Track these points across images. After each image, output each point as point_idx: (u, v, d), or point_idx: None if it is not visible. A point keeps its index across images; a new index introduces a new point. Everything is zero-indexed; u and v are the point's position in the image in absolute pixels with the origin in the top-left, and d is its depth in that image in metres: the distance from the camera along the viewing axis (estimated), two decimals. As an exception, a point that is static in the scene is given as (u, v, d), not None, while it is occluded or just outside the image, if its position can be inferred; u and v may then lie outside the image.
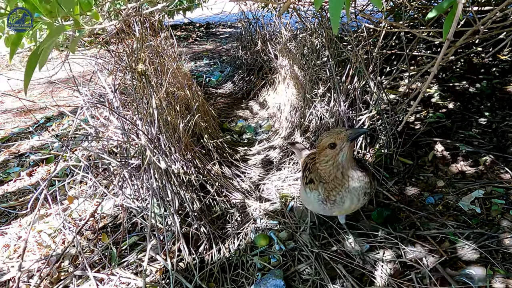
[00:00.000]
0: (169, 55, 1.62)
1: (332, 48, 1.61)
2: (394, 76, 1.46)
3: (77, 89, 1.34)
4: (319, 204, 1.05)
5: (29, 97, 2.84)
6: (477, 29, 0.66)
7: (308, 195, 1.07)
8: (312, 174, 1.05)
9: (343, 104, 1.54)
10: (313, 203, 1.07)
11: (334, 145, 0.95)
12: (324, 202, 1.02)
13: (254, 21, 2.62)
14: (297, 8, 1.71)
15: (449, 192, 1.33)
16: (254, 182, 1.60)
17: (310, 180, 1.05)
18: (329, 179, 0.99)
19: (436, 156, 1.52)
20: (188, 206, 1.28)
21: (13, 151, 2.07)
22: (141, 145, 1.28)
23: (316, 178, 1.03)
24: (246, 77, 2.84)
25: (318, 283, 1.04)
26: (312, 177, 1.05)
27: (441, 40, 0.83)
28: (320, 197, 1.02)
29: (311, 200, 1.07)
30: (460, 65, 2.23)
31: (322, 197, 1.02)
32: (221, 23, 5.66)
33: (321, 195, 1.02)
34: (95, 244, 1.25)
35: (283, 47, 2.00)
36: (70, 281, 1.11)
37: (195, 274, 1.08)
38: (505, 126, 1.62)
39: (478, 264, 1.03)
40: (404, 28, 1.00)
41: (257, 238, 1.23)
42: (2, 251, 1.29)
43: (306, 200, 1.12)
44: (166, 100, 1.46)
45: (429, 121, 1.75)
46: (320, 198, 1.03)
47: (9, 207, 1.54)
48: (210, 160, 1.58)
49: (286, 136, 1.91)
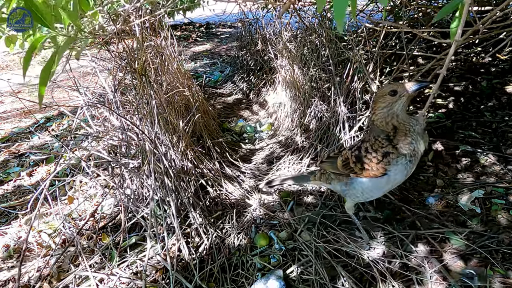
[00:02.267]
0: (169, 55, 1.62)
1: (332, 48, 1.61)
2: (394, 76, 1.46)
3: (77, 89, 1.34)
4: (405, 168, 1.01)
5: (29, 97, 2.84)
6: (477, 29, 0.66)
7: (392, 171, 1.01)
8: (383, 148, 1.00)
9: (343, 104, 1.54)
10: (396, 175, 1.02)
11: (395, 92, 0.96)
12: (412, 160, 1.00)
13: (254, 21, 2.62)
14: (297, 8, 1.71)
15: (449, 192, 1.33)
16: (254, 182, 1.60)
17: (386, 153, 1.00)
18: (388, 128, 0.99)
19: (436, 156, 1.52)
20: (188, 206, 1.28)
21: (13, 151, 2.07)
22: (141, 145, 1.28)
23: (391, 144, 0.99)
24: (246, 77, 2.84)
25: (318, 283, 1.04)
26: (386, 149, 1.00)
27: (441, 41, 0.83)
28: (407, 159, 0.99)
29: (395, 174, 1.02)
30: (460, 65, 2.23)
31: (408, 157, 0.99)
32: (221, 23, 5.66)
33: (407, 154, 0.99)
34: (95, 244, 1.25)
35: (283, 47, 2.00)
36: (70, 281, 1.11)
37: (195, 274, 1.08)
38: (505, 126, 1.62)
39: (478, 264, 1.03)
40: (404, 28, 1.00)
41: (257, 238, 1.23)
42: (2, 251, 1.29)
43: (382, 184, 1.06)
44: (166, 100, 1.46)
45: (429, 121, 1.75)
46: (407, 159, 0.99)
47: (9, 207, 1.54)
48: (210, 160, 1.58)
49: (286, 136, 1.91)
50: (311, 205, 1.40)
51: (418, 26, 1.71)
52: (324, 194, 1.43)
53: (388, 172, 1.02)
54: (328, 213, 1.32)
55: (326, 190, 1.45)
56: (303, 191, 1.49)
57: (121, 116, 1.28)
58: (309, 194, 1.46)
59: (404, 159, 1.00)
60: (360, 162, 1.06)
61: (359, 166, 1.06)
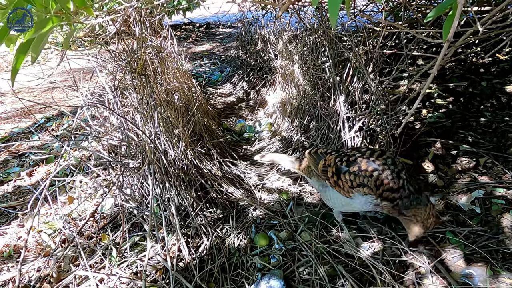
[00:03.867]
0: (169, 55, 1.62)
1: (331, 48, 1.61)
2: (394, 76, 1.46)
3: (77, 89, 1.34)
4: (369, 205, 1.04)
5: (29, 97, 2.84)
6: (477, 29, 0.66)
7: (356, 199, 1.05)
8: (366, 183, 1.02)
9: (343, 104, 1.54)
10: (360, 206, 1.07)
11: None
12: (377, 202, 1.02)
13: (254, 21, 2.62)
14: (297, 8, 1.71)
15: (449, 192, 1.33)
16: (254, 182, 1.60)
17: (363, 185, 1.02)
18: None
19: (436, 156, 1.52)
20: (188, 206, 1.28)
21: (13, 151, 2.07)
22: (141, 145, 1.28)
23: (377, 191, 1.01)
24: (246, 77, 2.84)
25: (318, 283, 1.04)
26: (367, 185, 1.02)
27: (440, 41, 0.83)
28: (379, 203, 1.02)
29: (357, 203, 1.07)
30: (460, 65, 2.23)
31: (375, 200, 1.02)
32: (220, 23, 5.65)
33: (376, 198, 1.01)
34: (95, 244, 1.25)
35: (283, 47, 2.00)
36: (70, 281, 1.11)
37: (195, 274, 1.08)
38: (505, 126, 1.62)
39: (478, 264, 1.03)
40: (403, 29, 1.00)
41: (257, 238, 1.23)
42: (2, 251, 1.29)
43: (347, 203, 1.11)
44: (166, 100, 1.46)
45: (429, 121, 1.75)
46: (379, 203, 1.02)
47: (9, 207, 1.54)
48: (210, 160, 1.58)
49: (286, 136, 1.91)
50: (311, 205, 1.40)
51: (417, 26, 1.71)
52: (324, 194, 1.44)
53: (353, 197, 1.05)
54: (328, 213, 1.32)
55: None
56: (303, 191, 1.49)
57: (121, 116, 1.28)
58: (309, 194, 1.46)
59: (376, 200, 1.02)
60: (338, 176, 1.07)
61: (334, 179, 1.09)
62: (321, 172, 1.15)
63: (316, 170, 1.19)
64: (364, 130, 1.51)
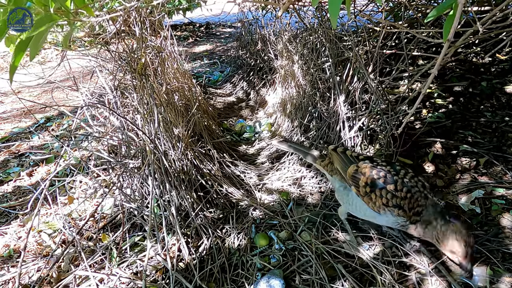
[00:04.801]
0: (169, 55, 1.62)
1: (332, 48, 1.61)
2: (394, 76, 1.46)
3: (77, 89, 1.34)
4: (394, 222, 1.04)
5: (29, 97, 2.84)
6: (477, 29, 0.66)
7: (384, 216, 1.05)
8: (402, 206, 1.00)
9: (343, 104, 1.54)
10: (386, 223, 1.07)
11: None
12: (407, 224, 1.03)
13: (254, 21, 2.62)
14: (297, 8, 1.71)
15: (449, 192, 1.33)
16: (254, 182, 1.60)
17: (399, 206, 1.01)
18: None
19: (436, 156, 1.52)
20: (188, 206, 1.28)
21: (13, 151, 2.07)
22: (141, 145, 1.28)
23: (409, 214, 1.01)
24: (246, 77, 2.84)
25: (318, 283, 1.04)
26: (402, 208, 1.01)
27: (440, 41, 0.83)
28: (406, 224, 1.02)
29: (384, 220, 1.06)
30: (460, 65, 2.23)
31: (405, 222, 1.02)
32: (221, 23, 5.65)
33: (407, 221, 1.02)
34: (95, 244, 1.25)
35: (283, 47, 2.00)
36: (70, 281, 1.11)
37: (195, 274, 1.08)
38: (505, 126, 1.62)
39: (478, 264, 1.03)
40: (403, 28, 1.00)
41: (257, 238, 1.23)
42: (2, 251, 1.29)
43: (372, 216, 1.10)
44: (166, 100, 1.46)
45: (429, 121, 1.75)
46: (406, 224, 1.02)
47: (9, 207, 1.54)
48: (210, 160, 1.58)
49: (286, 136, 1.91)
50: (311, 205, 1.40)
51: (418, 26, 1.71)
52: (324, 194, 1.43)
53: (382, 214, 1.04)
54: (328, 213, 1.32)
55: (326, 190, 1.45)
56: (303, 191, 1.49)
57: (121, 116, 1.28)
58: (309, 194, 1.46)
59: (404, 222, 1.01)
60: (371, 190, 1.04)
61: (366, 190, 1.05)
62: (350, 177, 1.10)
63: (342, 172, 1.14)
64: (364, 130, 1.51)
